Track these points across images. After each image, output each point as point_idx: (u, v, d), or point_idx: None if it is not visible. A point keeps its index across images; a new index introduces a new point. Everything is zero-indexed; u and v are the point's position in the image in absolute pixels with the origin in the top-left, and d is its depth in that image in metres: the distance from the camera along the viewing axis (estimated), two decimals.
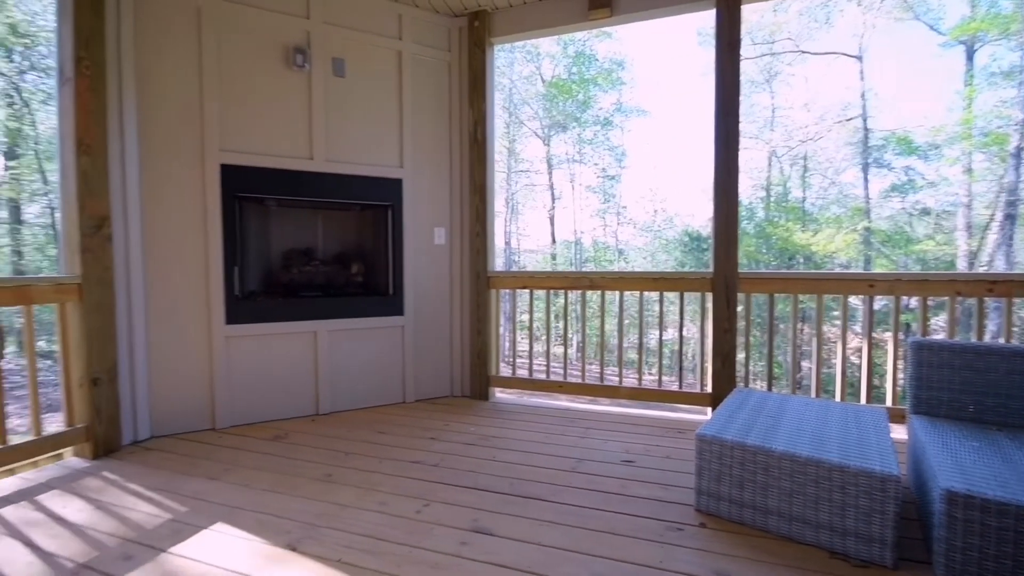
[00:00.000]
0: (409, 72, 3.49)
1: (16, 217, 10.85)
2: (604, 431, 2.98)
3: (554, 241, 17.27)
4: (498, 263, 3.73)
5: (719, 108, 3.04)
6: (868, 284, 2.90)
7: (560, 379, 3.67)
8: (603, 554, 1.72)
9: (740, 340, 3.12)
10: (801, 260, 13.38)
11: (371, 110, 3.39)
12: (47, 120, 10.44)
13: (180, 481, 2.28)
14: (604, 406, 3.58)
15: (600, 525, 1.91)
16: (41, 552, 1.71)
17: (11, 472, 2.33)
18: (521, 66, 16.73)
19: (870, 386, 2.89)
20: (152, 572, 1.61)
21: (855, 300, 3.23)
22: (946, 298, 2.76)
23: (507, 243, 16.81)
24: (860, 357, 2.87)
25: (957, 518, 1.46)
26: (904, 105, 17.46)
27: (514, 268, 16.06)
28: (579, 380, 3.64)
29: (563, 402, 3.79)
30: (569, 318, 3.84)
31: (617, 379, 3.52)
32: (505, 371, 3.81)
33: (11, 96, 10.28)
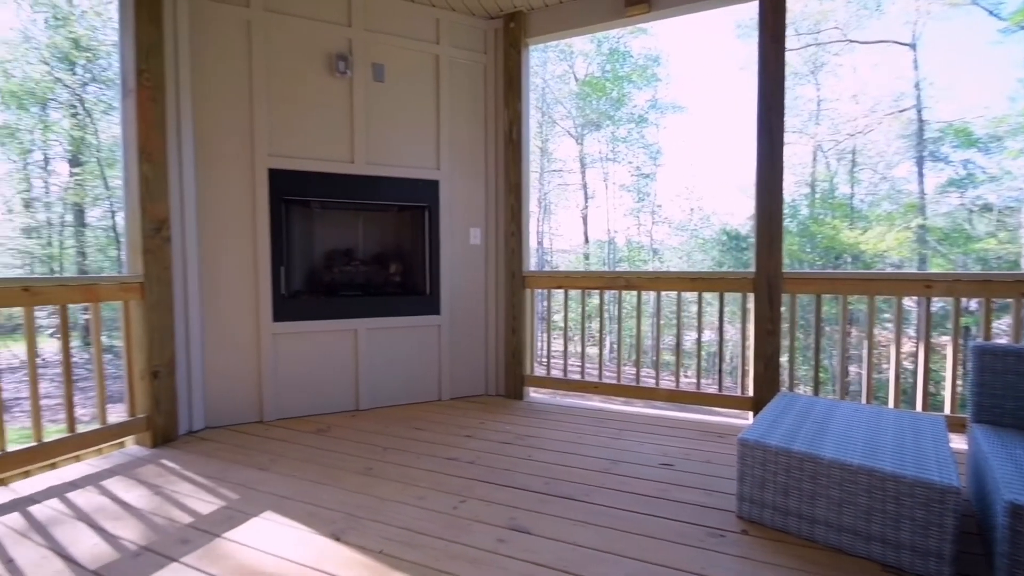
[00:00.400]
0: (446, 75, 3.54)
1: (80, 220, 11.60)
2: (640, 433, 2.95)
3: (587, 241, 17.12)
4: (531, 263, 3.74)
5: (762, 102, 2.95)
6: (925, 285, 2.75)
7: (595, 379, 3.64)
8: (643, 557, 1.70)
9: (783, 343, 3.01)
10: (849, 259, 12.78)
11: (409, 113, 3.46)
12: (108, 129, 11.12)
13: (232, 470, 2.40)
14: (638, 408, 3.54)
15: (639, 528, 1.89)
16: (106, 534, 1.84)
17: (78, 458, 2.50)
18: (554, 65, 16.65)
19: (926, 393, 2.75)
20: (207, 556, 1.70)
21: (909, 302, 3.07)
22: (1010, 300, 2.59)
23: (539, 243, 16.77)
24: (914, 362, 2.73)
25: (1022, 532, 1.37)
26: (962, 95, 16.43)
27: (547, 268, 16.03)
28: (614, 381, 3.60)
29: (597, 403, 3.77)
30: (602, 318, 3.80)
31: (653, 381, 3.47)
32: (539, 371, 3.82)
33: (75, 107, 11.00)
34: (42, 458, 2.32)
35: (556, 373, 3.83)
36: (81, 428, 2.50)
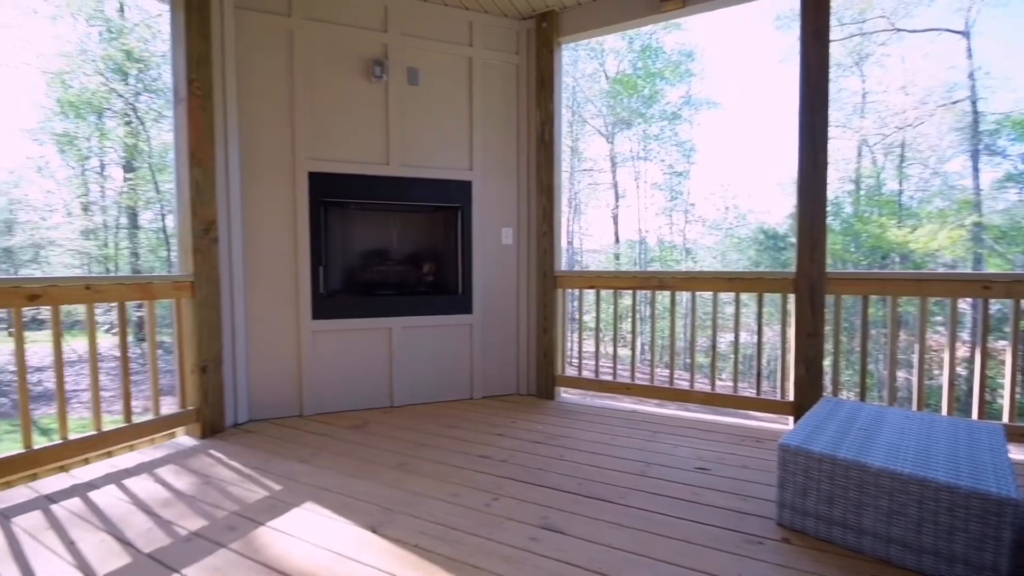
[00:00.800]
0: (479, 76, 3.58)
1: (133, 222, 12.26)
2: (674, 435, 2.90)
3: (617, 240, 16.92)
4: (561, 263, 3.73)
5: (804, 100, 2.84)
6: (983, 286, 2.60)
7: (627, 380, 3.60)
8: (677, 562, 1.68)
9: (826, 346, 2.90)
10: (897, 259, 12.18)
11: (442, 115, 3.51)
12: (158, 136, 11.71)
13: (275, 462, 2.49)
14: (671, 410, 3.48)
15: (673, 532, 1.86)
16: (159, 519, 1.94)
17: (132, 447, 2.64)
18: (584, 63, 16.54)
19: (983, 400, 2.60)
20: (252, 543, 1.77)
21: (963, 304, 2.91)
22: None
23: (569, 243, 16.69)
24: (968, 368, 2.58)
25: None
26: (1020, 84, 15.41)
27: (576, 268, 15.93)
28: (647, 382, 3.55)
29: (628, 404, 3.72)
30: (635, 319, 3.75)
31: (687, 383, 3.41)
32: (570, 371, 3.80)
33: (128, 115, 11.62)
34: (100, 446, 2.47)
35: (587, 374, 3.81)
36: (135, 419, 2.64)
